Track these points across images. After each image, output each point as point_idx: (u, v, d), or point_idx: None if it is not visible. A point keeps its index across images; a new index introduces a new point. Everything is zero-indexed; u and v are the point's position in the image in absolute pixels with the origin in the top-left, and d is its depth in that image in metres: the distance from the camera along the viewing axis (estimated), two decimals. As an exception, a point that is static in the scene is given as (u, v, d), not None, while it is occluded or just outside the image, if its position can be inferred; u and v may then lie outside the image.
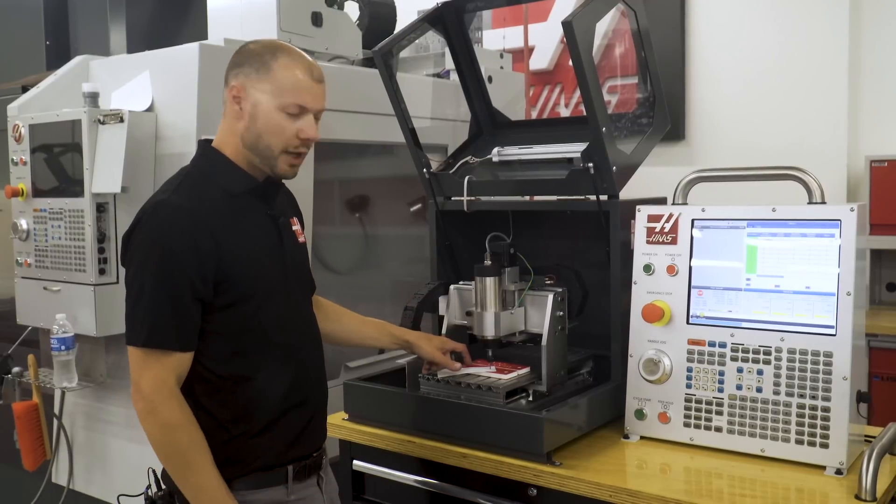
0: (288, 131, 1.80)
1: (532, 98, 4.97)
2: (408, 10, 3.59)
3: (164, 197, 1.78)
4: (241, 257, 1.79)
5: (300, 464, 1.88)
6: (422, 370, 2.31)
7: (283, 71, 1.79)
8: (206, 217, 1.76)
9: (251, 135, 1.81)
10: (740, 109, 4.34)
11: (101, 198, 2.55)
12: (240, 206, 1.84)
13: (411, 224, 3.69)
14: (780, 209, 2.05)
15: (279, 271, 1.88)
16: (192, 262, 1.71)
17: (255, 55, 1.81)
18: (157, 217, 1.75)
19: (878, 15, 4.09)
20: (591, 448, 2.10)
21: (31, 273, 2.78)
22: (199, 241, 1.72)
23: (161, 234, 1.72)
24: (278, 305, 1.86)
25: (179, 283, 1.71)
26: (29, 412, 2.89)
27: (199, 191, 1.81)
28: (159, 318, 1.71)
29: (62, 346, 2.59)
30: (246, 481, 1.81)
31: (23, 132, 2.78)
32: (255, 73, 1.79)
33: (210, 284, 1.74)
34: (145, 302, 1.72)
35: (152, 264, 1.72)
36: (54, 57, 3.73)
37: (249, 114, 1.80)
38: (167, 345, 1.71)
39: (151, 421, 1.71)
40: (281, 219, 1.92)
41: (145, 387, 1.70)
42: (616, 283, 2.25)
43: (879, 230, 3.67)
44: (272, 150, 1.81)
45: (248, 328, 1.80)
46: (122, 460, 2.72)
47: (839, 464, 1.90)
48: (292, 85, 1.79)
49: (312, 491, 1.93)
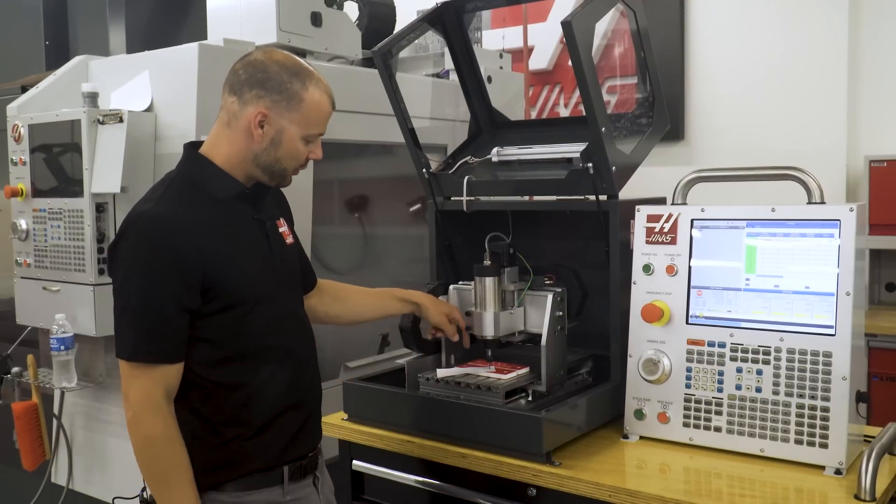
0: (303, 155, 1.86)
1: (531, 98, 4.97)
2: (407, 10, 3.59)
3: (147, 207, 1.76)
4: (228, 263, 1.78)
5: (296, 464, 1.89)
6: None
7: (313, 103, 1.82)
8: (190, 226, 1.75)
9: (269, 158, 1.83)
10: (740, 109, 4.35)
11: (100, 198, 2.55)
12: (226, 211, 1.83)
13: (411, 224, 3.69)
14: (780, 209, 2.05)
15: (269, 275, 1.88)
16: (176, 272, 1.71)
17: (282, 83, 1.80)
18: (140, 228, 1.74)
19: (877, 15, 4.09)
20: (590, 448, 2.10)
21: (31, 273, 2.78)
22: (183, 251, 1.72)
23: (144, 247, 1.72)
24: (270, 309, 1.86)
25: (164, 296, 1.71)
26: (28, 412, 2.89)
27: (184, 198, 1.79)
28: (143, 331, 1.72)
29: (61, 346, 2.59)
30: (241, 483, 1.81)
31: (22, 132, 2.78)
32: (285, 103, 1.80)
33: (197, 293, 1.74)
34: (130, 315, 1.73)
35: (136, 277, 1.72)
36: (54, 57, 3.73)
37: (272, 139, 1.81)
38: (152, 358, 1.72)
39: (135, 432, 1.72)
40: (268, 222, 1.92)
41: (132, 398, 1.72)
42: (615, 283, 2.25)
43: (879, 230, 3.68)
44: (286, 171, 1.87)
45: (239, 333, 1.81)
46: (121, 460, 2.71)
47: (838, 464, 1.90)
48: (320, 117, 1.85)
49: (308, 491, 1.93)
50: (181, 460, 1.73)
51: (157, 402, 1.72)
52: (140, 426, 1.72)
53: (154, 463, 1.73)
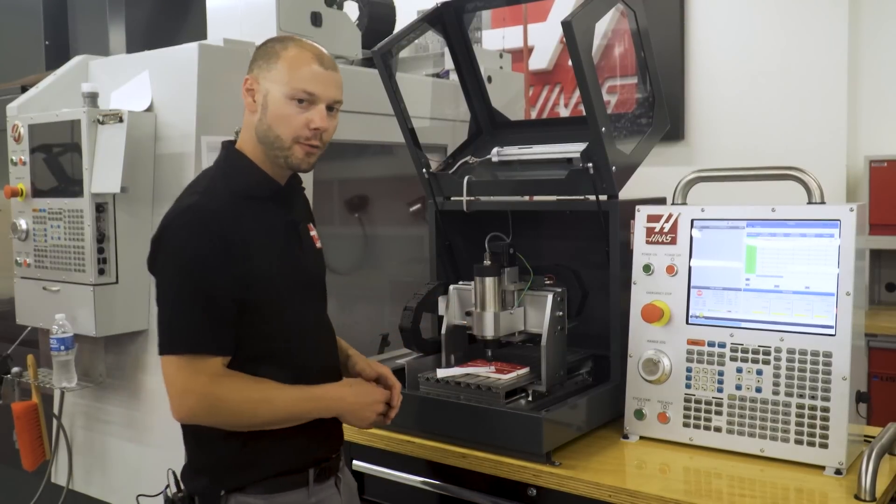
0: (297, 121, 1.78)
1: (531, 98, 4.97)
2: (407, 10, 3.59)
3: (194, 200, 1.75)
4: (264, 260, 1.77)
5: (320, 466, 1.87)
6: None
7: (290, 58, 1.78)
8: (236, 218, 1.74)
9: (263, 126, 1.79)
10: (740, 109, 4.35)
11: (100, 198, 2.55)
12: (261, 210, 1.82)
13: (411, 224, 3.68)
14: (780, 209, 2.05)
15: (300, 275, 1.87)
16: (228, 263, 1.69)
17: (268, 47, 1.82)
18: (189, 219, 1.72)
19: (877, 15, 4.09)
20: (590, 448, 2.10)
21: (31, 273, 2.78)
22: (233, 241, 1.71)
23: (192, 238, 1.70)
24: (298, 308, 1.85)
25: (213, 286, 1.68)
26: (28, 412, 2.89)
27: (224, 193, 1.78)
28: (195, 323, 1.68)
29: (61, 347, 2.59)
30: (266, 485, 1.79)
31: (22, 132, 2.78)
32: (265, 64, 1.79)
33: (243, 285, 1.72)
34: (180, 308, 1.70)
35: (185, 269, 1.69)
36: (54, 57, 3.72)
37: (261, 105, 1.79)
38: (205, 349, 1.68)
39: (208, 421, 1.71)
40: (301, 224, 1.92)
41: (198, 388, 1.67)
42: (615, 283, 2.25)
43: (879, 230, 3.68)
44: (282, 140, 1.79)
45: (269, 332, 1.79)
46: (121, 460, 2.71)
47: (838, 464, 1.90)
48: (299, 71, 1.77)
49: (331, 493, 1.91)
50: (254, 389, 1.71)
51: (204, 385, 1.67)
52: (219, 412, 1.68)
53: (251, 415, 1.71)
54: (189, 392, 1.67)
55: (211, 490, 1.78)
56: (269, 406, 1.72)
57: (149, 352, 2.61)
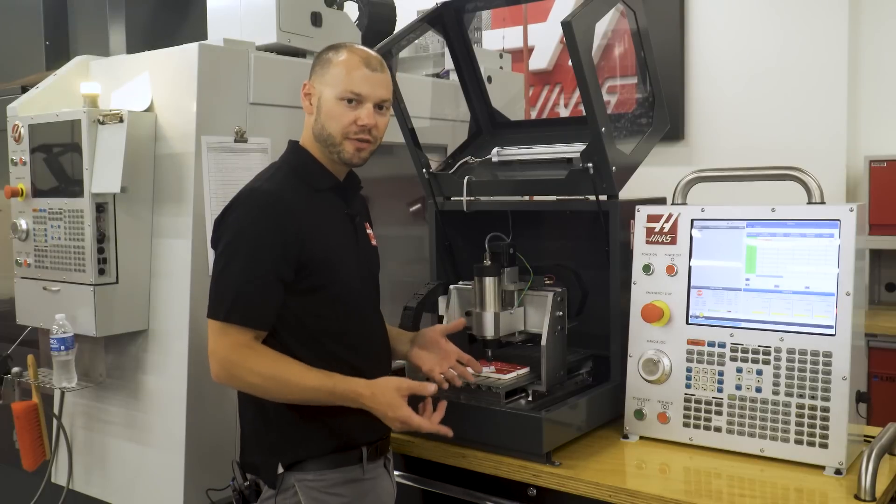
0: (345, 118, 1.94)
1: (531, 98, 4.97)
2: (407, 10, 3.59)
3: (257, 185, 1.92)
4: (321, 247, 1.90)
5: (373, 445, 1.96)
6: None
7: (340, 63, 1.95)
8: (294, 205, 1.89)
9: (318, 126, 1.97)
10: (740, 109, 4.34)
11: (100, 198, 2.54)
12: (322, 202, 1.97)
13: (411, 224, 3.68)
14: (780, 209, 2.05)
15: (353, 264, 1.99)
16: (279, 244, 1.83)
17: (322, 55, 2.00)
18: (251, 201, 1.88)
19: (877, 15, 4.09)
20: (590, 448, 2.10)
21: (31, 273, 2.77)
22: (287, 226, 1.85)
23: (252, 217, 1.85)
24: (352, 295, 1.97)
25: (265, 264, 1.83)
26: (28, 412, 2.88)
27: (288, 183, 1.94)
28: (242, 295, 1.82)
29: (62, 347, 2.59)
30: (323, 461, 1.88)
31: (22, 132, 2.78)
32: (320, 70, 1.98)
33: (292, 268, 1.85)
34: (229, 278, 1.84)
35: (242, 243, 1.84)
36: (54, 57, 3.72)
37: (317, 107, 1.97)
38: (245, 321, 1.82)
39: (236, 379, 1.84)
40: (357, 218, 2.06)
41: (220, 355, 1.83)
42: (615, 283, 2.25)
43: (879, 230, 3.68)
44: (334, 137, 1.95)
45: (324, 315, 1.91)
46: (121, 460, 2.71)
47: (838, 464, 1.90)
48: (349, 75, 1.93)
49: (381, 471, 2.01)
50: (270, 366, 1.82)
51: (227, 351, 1.82)
52: (236, 379, 1.84)
53: (263, 389, 1.83)
54: (213, 354, 1.85)
55: (268, 464, 1.89)
56: (280, 386, 1.82)
57: (149, 352, 2.60)
